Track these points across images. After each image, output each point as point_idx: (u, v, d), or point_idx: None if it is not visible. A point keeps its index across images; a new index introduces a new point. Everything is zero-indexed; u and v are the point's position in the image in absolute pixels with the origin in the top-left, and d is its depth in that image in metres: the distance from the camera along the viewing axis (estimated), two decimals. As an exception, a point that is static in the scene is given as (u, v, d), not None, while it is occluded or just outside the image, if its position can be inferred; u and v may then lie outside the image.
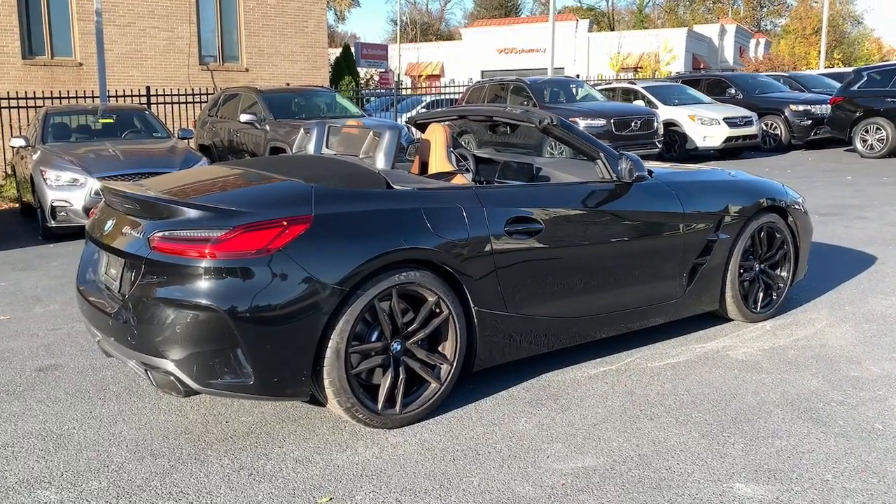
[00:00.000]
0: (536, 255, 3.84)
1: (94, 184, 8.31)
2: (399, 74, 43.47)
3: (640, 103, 15.43)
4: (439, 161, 4.12)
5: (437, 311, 3.55)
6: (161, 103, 14.35)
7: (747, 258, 4.82)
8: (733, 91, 16.87)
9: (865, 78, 14.80)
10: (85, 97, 13.58)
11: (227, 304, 3.10)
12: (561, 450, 3.26)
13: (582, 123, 13.18)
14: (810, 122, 15.88)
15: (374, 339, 3.44)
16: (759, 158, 15.20)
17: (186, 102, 15.02)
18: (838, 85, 18.68)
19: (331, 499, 2.91)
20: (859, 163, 13.86)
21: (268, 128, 11.20)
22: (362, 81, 24.51)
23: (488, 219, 3.69)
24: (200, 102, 15.02)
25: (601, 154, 4.27)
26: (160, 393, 3.94)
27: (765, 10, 67.22)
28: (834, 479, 2.97)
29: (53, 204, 8.32)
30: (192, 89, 15.85)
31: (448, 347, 3.61)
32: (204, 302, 3.11)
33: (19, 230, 9.48)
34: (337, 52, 23.78)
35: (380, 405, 3.43)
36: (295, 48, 19.54)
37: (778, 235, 4.97)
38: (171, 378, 3.22)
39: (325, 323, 3.23)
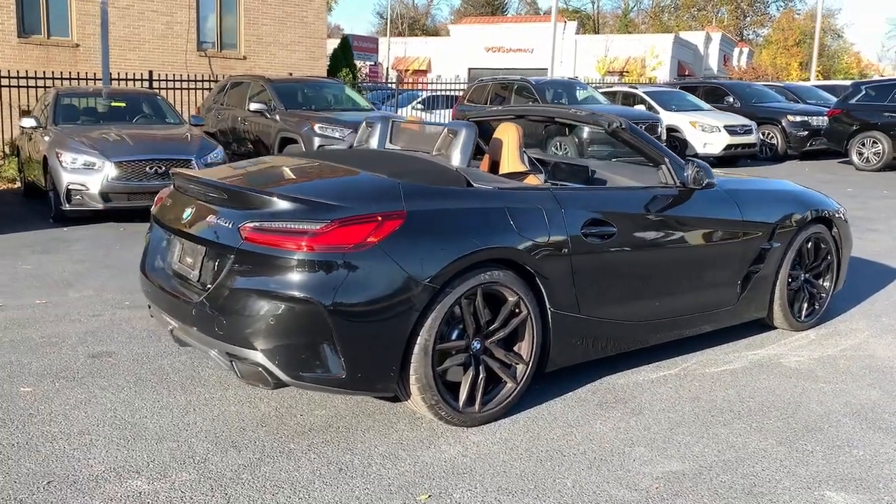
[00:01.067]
0: (609, 259, 3.86)
1: (110, 168, 8.19)
2: (387, 68, 43.34)
3: (641, 107, 15.54)
4: (512, 161, 4.12)
5: (517, 311, 3.55)
6: (162, 88, 14.15)
7: (794, 267, 4.88)
8: (731, 99, 17.06)
9: (863, 92, 15.04)
10: (87, 79, 13.36)
11: (324, 298, 3.08)
12: (644, 454, 3.29)
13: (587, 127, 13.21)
14: (807, 132, 16.10)
15: (454, 337, 3.43)
16: (755, 167, 15.38)
17: (187, 88, 14.82)
18: (831, 97, 19.01)
19: (429, 496, 2.91)
20: (856, 175, 14.08)
21: (278, 117, 11.10)
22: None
23: (566, 221, 3.70)
24: (201, 89, 14.83)
25: (666, 160, 4.30)
26: (239, 383, 3.90)
27: (748, 19, 67.96)
28: (920, 489, 3.03)
29: (69, 187, 8.18)
30: (192, 75, 15.64)
31: (524, 348, 3.62)
32: (300, 294, 3.08)
33: (25, 212, 9.30)
34: (333, 42, 23.64)
35: (461, 403, 3.43)
36: (294, 38, 19.40)
37: (823, 246, 5.04)
38: (260, 369, 3.19)
39: (415, 319, 3.23)
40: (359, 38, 34.96)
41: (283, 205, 3.24)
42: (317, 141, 10.37)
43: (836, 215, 5.10)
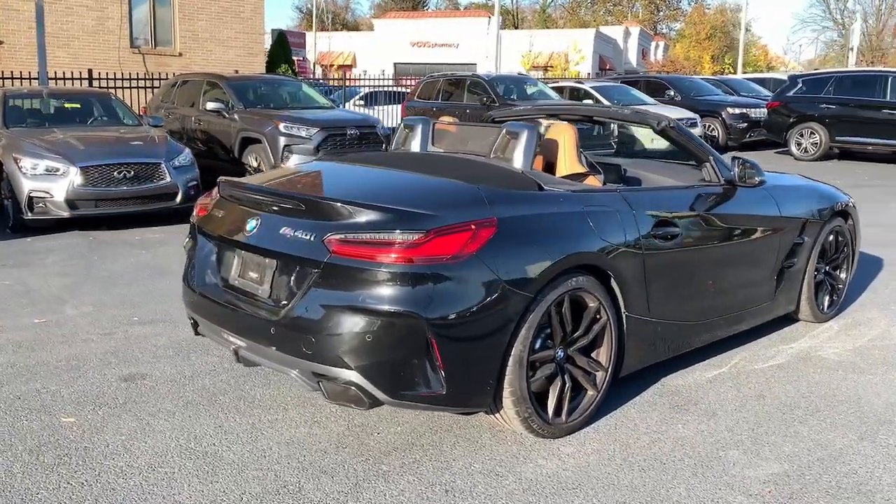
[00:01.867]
0: (674, 259, 3.84)
1: (76, 173, 7.72)
2: (313, 64, 42.66)
3: (588, 102, 15.71)
4: (570, 162, 4.04)
5: (598, 317, 3.48)
6: (101, 88, 13.47)
7: (818, 261, 4.98)
8: (672, 93, 17.45)
9: (800, 85, 15.61)
10: (20, 78, 12.59)
11: (425, 311, 2.93)
12: (739, 457, 3.27)
13: (545, 122, 13.26)
14: (746, 124, 16.64)
15: (538, 347, 3.33)
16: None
17: (124, 87, 14.11)
18: (762, 89, 19.70)
19: (552, 515, 2.81)
20: (796, 165, 14.59)
21: (237, 117, 10.71)
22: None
23: (637, 223, 3.65)
24: (140, 88, 14.17)
25: (710, 158, 4.30)
26: (298, 403, 3.70)
27: (661, 14, 69.81)
28: None
29: (31, 194, 7.66)
30: (128, 73, 14.94)
31: (603, 354, 3.55)
32: (400, 309, 2.93)
33: (-27, 222, 8.68)
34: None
35: (550, 414, 3.34)
36: (231, 33, 18.84)
37: (841, 238, 5.16)
38: (354, 389, 3.02)
39: (512, 330, 3.12)
40: (288, 32, 34.33)
41: (371, 215, 3.06)
42: (282, 140, 10.06)
43: (851, 207, 5.23)
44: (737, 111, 16.67)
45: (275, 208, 3.32)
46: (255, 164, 10.39)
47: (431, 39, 46.80)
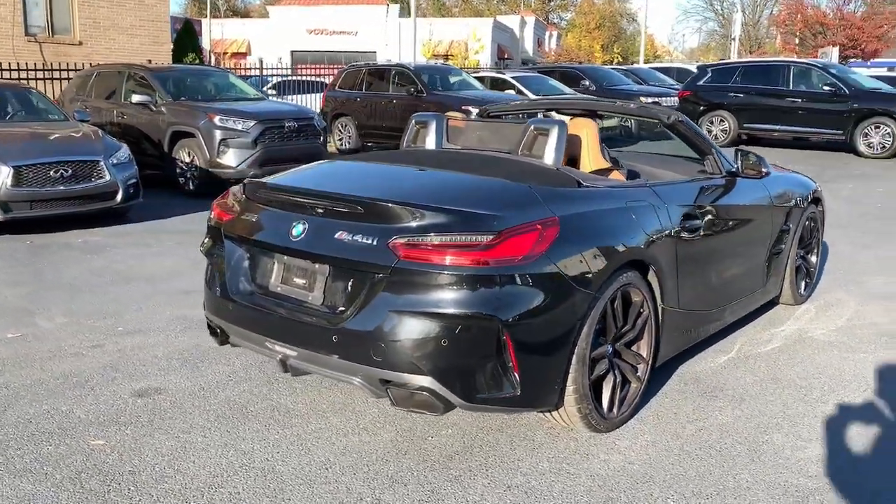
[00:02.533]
0: (696, 250, 3.94)
1: (8, 173, 7.19)
2: (209, 52, 41.19)
3: (511, 93, 15.89)
4: (594, 157, 4.07)
5: (641, 310, 3.54)
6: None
7: (798, 246, 5.23)
8: (587, 83, 17.87)
9: (709, 74, 16.31)
10: (-87, 69, 11.56)
11: (501, 314, 2.90)
12: (783, 439, 3.40)
13: (474, 111, 13.34)
14: (660, 113, 17.21)
15: (595, 343, 3.35)
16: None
17: (20, 79, 13.09)
18: (668, 78, 20.46)
19: (639, 509, 2.85)
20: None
21: (165, 110, 10.23)
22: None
23: (670, 216, 3.72)
24: (39, 79, 13.23)
25: (713, 150, 4.44)
26: (337, 409, 3.58)
27: (553, 3, 71.25)
28: None
29: (-41, 197, 7.08)
30: (25, 64, 13.95)
31: (644, 346, 3.62)
32: (477, 312, 2.88)
33: None
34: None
35: (605, 409, 3.38)
36: (134, 21, 17.93)
37: (813, 224, 5.44)
38: (426, 395, 2.95)
39: (577, 328, 3.13)
40: (180, 19, 32.99)
41: (437, 217, 2.99)
42: (218, 134, 9.69)
43: (820, 193, 5.51)
44: (649, 100, 17.19)
45: (322, 211, 3.19)
46: (187, 159, 9.96)
47: (329, 27, 46.10)
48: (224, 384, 3.92)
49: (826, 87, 14.59)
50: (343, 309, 3.09)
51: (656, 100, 17.26)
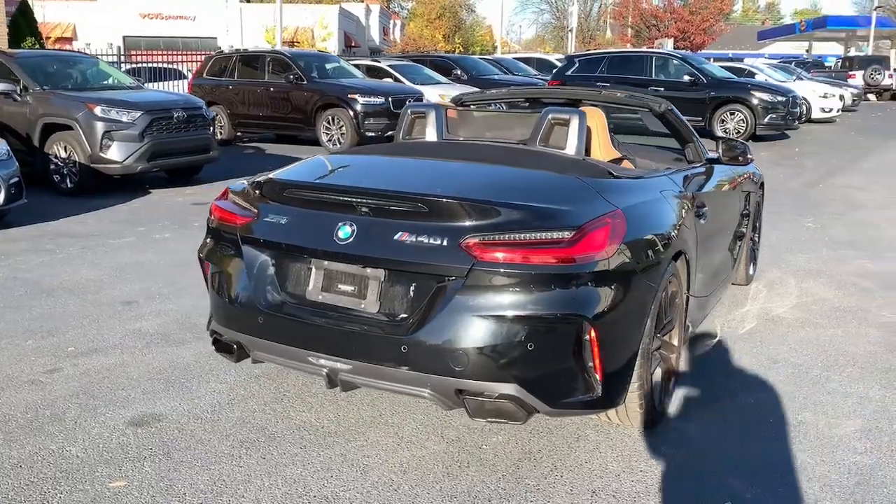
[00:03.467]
0: (704, 236, 3.96)
1: None
2: (32, 36, 37.69)
3: (388, 81, 15.67)
4: (605, 148, 3.99)
5: (678, 301, 3.53)
6: None
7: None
8: (458, 72, 17.94)
9: (577, 64, 16.83)
10: None
11: (588, 312, 2.77)
12: (816, 418, 3.50)
13: (361, 101, 13.04)
14: (528, 103, 17.58)
15: None
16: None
17: None
18: (529, 69, 20.98)
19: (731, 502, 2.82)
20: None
21: (31, 100, 9.21)
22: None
23: (690, 203, 3.73)
24: None
25: (695, 138, 4.51)
26: (373, 423, 3.31)
27: (394, -8, 71.13)
28: None
29: None
30: None
31: (676, 336, 3.61)
32: (566, 312, 2.74)
33: None
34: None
35: (657, 402, 3.34)
36: (-39, 1, 16.02)
37: (759, 207, 5.70)
38: (510, 403, 2.77)
39: (646, 322, 3.06)
40: (15, 1, 30.03)
41: (512, 213, 2.81)
42: (100, 127, 8.84)
43: (763, 178, 5.78)
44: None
45: (374, 210, 2.92)
46: (63, 154, 9.03)
47: (164, 11, 43.59)
48: (228, 404, 3.53)
49: (686, 77, 15.46)
50: (405, 316, 2.85)
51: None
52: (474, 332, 2.73)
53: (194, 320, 4.65)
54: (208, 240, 3.42)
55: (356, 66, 16.19)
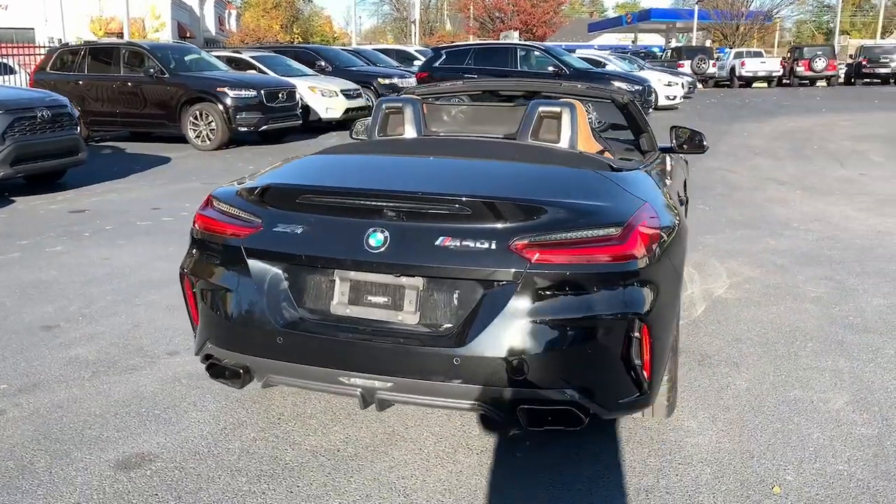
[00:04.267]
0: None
1: None
2: None
3: (252, 72, 15.02)
4: (587, 141, 3.91)
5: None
6: None
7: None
8: (323, 64, 17.48)
9: (445, 56, 16.89)
10: None
11: (640, 310, 2.69)
12: (808, 394, 3.64)
13: (232, 94, 12.40)
14: (396, 94, 17.47)
15: None
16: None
17: None
18: (392, 60, 20.84)
19: (779, 486, 2.87)
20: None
21: None
22: None
23: (670, 194, 3.77)
24: None
25: (649, 128, 4.59)
26: (407, 439, 3.09)
27: (227, -19, 68.44)
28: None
29: None
30: None
31: (674, 326, 3.63)
32: (626, 311, 2.66)
33: None
34: None
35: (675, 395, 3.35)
36: None
37: (685, 188, 5.90)
38: (569, 409, 2.66)
39: (677, 316, 3.04)
40: None
41: (559, 212, 2.69)
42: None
43: None
44: (387, 81, 17.38)
45: (407, 215, 2.71)
46: None
47: (-30, 0, 39.71)
48: (222, 434, 3.19)
49: (550, 68, 15.91)
50: (450, 326, 2.67)
51: (395, 81, 17.50)
52: (532, 339, 2.60)
53: (137, 342, 4.20)
54: (195, 254, 3.07)
55: (218, 57, 15.39)
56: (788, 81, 33.51)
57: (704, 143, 4.53)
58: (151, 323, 4.52)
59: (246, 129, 12.50)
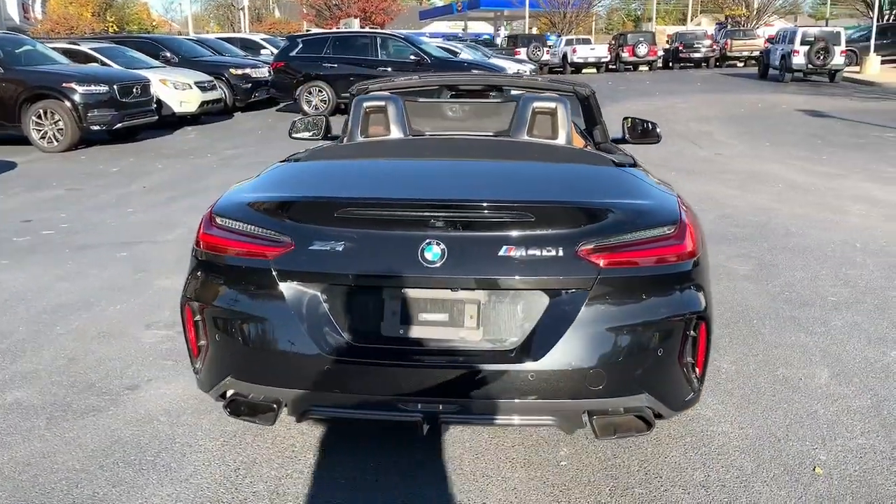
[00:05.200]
0: None
1: None
2: None
3: (94, 65, 13.82)
4: (576, 136, 3.83)
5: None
6: None
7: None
8: (168, 54, 16.41)
9: (301, 45, 16.33)
10: None
11: (699, 308, 2.66)
12: (795, 372, 3.80)
13: (81, 90, 11.34)
14: (250, 85, 16.73)
15: None
16: (217, 123, 15.36)
17: None
18: (238, 50, 19.97)
19: (818, 468, 2.95)
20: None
21: None
22: None
23: None
24: None
25: (602, 119, 4.60)
26: (463, 459, 2.89)
27: (25, -35, 62.66)
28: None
29: None
30: None
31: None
32: (693, 311, 2.62)
33: None
34: None
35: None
36: None
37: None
38: (642, 414, 2.60)
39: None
40: None
41: (617, 214, 2.60)
42: None
43: None
44: (240, 72, 16.60)
45: (464, 225, 2.52)
46: None
47: None
48: (238, 477, 2.86)
49: (412, 57, 15.81)
50: (515, 340, 2.53)
51: (248, 72, 16.77)
52: (608, 346, 2.51)
53: (84, 378, 3.70)
54: (202, 278, 2.71)
55: (53, 48, 14.02)
56: (615, 67, 35.37)
57: (658, 131, 4.59)
58: (89, 354, 4.00)
59: (99, 127, 11.49)
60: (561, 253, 2.49)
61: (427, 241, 2.49)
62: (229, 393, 2.69)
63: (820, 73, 24.53)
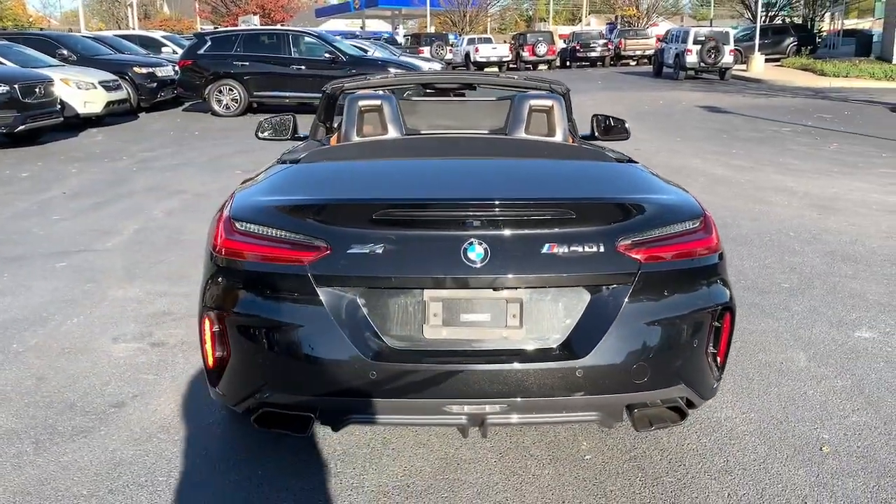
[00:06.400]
0: None
1: None
2: None
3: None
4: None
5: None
6: None
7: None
8: (65, 52, 15.53)
9: (209, 42, 15.79)
10: None
11: (725, 298, 2.73)
12: (775, 357, 3.97)
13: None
14: (156, 84, 16.06)
15: None
16: (124, 124, 14.68)
17: None
18: (139, 48, 19.17)
19: (826, 447, 3.09)
20: (221, 121, 14.90)
21: None
22: None
23: None
24: None
25: (573, 117, 4.66)
26: (502, 464, 2.85)
27: None
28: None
29: None
30: None
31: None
32: (724, 302, 2.69)
33: None
34: None
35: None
36: None
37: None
38: (678, 405, 2.65)
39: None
40: None
41: (650, 209, 2.65)
42: None
43: None
44: (144, 70, 15.91)
45: (506, 223, 2.50)
46: None
47: None
48: (273, 494, 2.74)
49: (326, 55, 15.57)
50: (558, 337, 2.53)
51: (153, 70, 16.11)
52: (650, 340, 2.54)
53: (61, 398, 3.46)
54: (225, 285, 2.58)
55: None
56: (516, 66, 35.98)
57: (627, 127, 4.70)
58: (59, 372, 3.74)
59: (1, 130, 10.76)
60: (602, 249, 2.51)
61: (470, 240, 2.46)
62: (265, 405, 2.57)
63: (711, 71, 25.74)
